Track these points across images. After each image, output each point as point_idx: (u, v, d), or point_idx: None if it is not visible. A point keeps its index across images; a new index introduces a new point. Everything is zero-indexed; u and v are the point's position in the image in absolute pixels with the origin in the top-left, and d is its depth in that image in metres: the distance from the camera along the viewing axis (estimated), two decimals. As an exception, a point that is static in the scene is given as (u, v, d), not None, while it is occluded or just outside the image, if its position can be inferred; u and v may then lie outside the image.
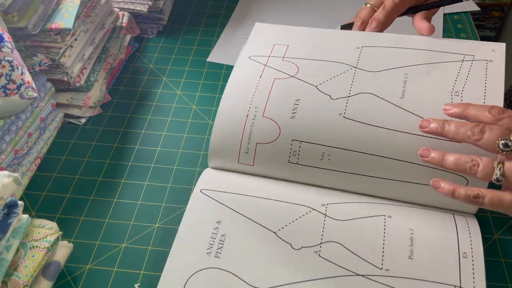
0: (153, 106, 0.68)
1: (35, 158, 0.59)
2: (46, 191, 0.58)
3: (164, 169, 0.60)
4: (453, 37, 0.78)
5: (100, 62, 0.68)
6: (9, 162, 0.55)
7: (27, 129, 0.57)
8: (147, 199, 0.56)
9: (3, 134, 0.54)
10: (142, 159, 0.61)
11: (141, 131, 0.65)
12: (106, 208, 0.56)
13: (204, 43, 0.79)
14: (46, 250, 0.45)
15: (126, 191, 0.57)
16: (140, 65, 0.75)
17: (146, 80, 0.72)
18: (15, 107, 0.53)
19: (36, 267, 0.44)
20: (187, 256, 0.47)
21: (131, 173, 0.59)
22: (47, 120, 0.61)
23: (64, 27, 0.58)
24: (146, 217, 0.55)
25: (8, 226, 0.42)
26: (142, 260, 0.51)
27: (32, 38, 0.59)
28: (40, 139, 0.61)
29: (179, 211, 0.55)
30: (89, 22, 0.64)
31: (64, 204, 0.56)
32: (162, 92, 0.70)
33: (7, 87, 0.51)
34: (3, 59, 0.50)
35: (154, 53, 0.77)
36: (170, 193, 0.57)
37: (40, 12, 0.59)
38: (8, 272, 0.43)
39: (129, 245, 0.52)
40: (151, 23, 0.81)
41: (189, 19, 0.85)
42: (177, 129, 0.65)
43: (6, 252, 0.42)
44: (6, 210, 0.42)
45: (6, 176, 0.41)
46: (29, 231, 0.46)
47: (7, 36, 0.52)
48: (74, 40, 0.62)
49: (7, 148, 0.54)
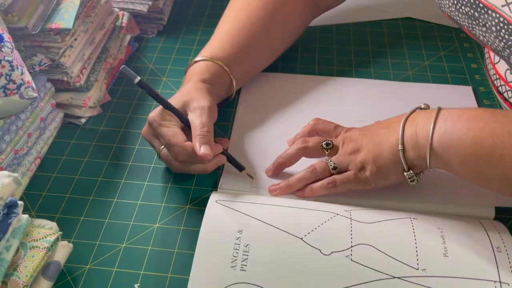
0: (153, 106, 0.68)
1: (35, 158, 0.59)
2: (46, 191, 0.57)
3: (164, 169, 0.60)
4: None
5: (100, 62, 0.68)
6: (9, 162, 0.55)
7: (27, 129, 0.57)
8: (147, 199, 0.56)
9: (3, 134, 0.54)
10: (142, 159, 0.61)
11: (141, 131, 0.64)
12: (106, 208, 0.56)
13: (204, 43, 0.78)
14: (46, 250, 0.45)
15: (126, 191, 0.57)
16: (140, 65, 0.75)
17: (146, 80, 0.72)
18: (15, 107, 0.53)
19: (36, 267, 0.44)
20: (210, 273, 0.44)
21: (131, 173, 0.59)
22: (47, 120, 0.61)
23: (64, 27, 0.58)
24: (146, 217, 0.55)
25: (8, 226, 0.42)
26: (142, 260, 0.51)
27: (32, 38, 0.59)
28: (40, 139, 0.60)
29: (179, 211, 0.55)
30: (89, 22, 0.64)
31: (64, 204, 0.56)
32: (162, 92, 0.70)
33: (7, 87, 0.51)
34: (3, 59, 0.50)
35: (154, 53, 0.77)
36: (170, 193, 0.57)
37: (40, 12, 0.59)
38: (8, 272, 0.43)
39: (129, 245, 0.52)
40: (151, 23, 0.81)
41: (189, 19, 0.85)
42: (177, 129, 0.65)
43: (6, 252, 0.42)
44: (6, 210, 0.42)
45: (6, 176, 0.41)
46: (29, 231, 0.46)
47: (7, 36, 0.52)
48: (74, 40, 0.62)
49: (7, 148, 0.54)
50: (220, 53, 0.61)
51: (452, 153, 0.46)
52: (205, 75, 0.60)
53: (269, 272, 0.44)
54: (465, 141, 0.45)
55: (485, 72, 0.71)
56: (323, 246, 0.46)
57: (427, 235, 0.47)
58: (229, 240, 0.46)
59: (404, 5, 0.85)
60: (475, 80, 0.70)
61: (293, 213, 0.50)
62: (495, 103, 0.67)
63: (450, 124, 0.46)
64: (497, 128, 0.44)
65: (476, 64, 0.73)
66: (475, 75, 0.71)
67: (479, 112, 0.46)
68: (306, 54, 0.76)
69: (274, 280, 0.44)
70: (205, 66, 0.60)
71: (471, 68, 0.73)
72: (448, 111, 0.48)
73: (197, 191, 0.57)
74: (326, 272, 0.44)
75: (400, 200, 0.53)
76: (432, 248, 0.46)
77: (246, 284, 0.43)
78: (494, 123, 0.44)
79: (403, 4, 0.85)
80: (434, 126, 0.47)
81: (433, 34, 0.79)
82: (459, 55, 0.75)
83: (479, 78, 0.71)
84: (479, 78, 0.71)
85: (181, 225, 0.54)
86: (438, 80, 0.71)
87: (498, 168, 0.44)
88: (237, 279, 0.44)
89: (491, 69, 0.68)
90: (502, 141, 0.43)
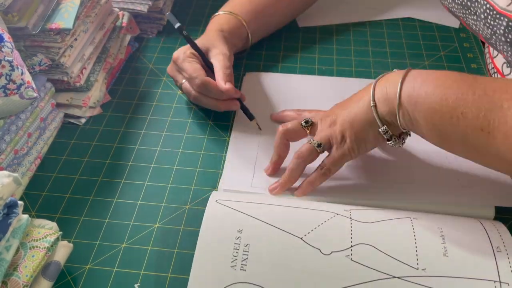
0: (153, 106, 0.68)
1: (35, 158, 0.59)
2: (46, 191, 0.57)
3: (164, 169, 0.60)
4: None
5: (100, 62, 0.68)
6: (9, 162, 0.55)
7: (27, 129, 0.57)
8: (147, 199, 0.56)
9: (3, 134, 0.54)
10: (142, 159, 0.61)
11: (141, 131, 0.65)
12: (106, 208, 0.56)
13: (204, 43, 0.79)
14: (46, 250, 0.45)
15: (126, 191, 0.57)
16: (140, 65, 0.75)
17: (146, 80, 0.72)
18: (15, 107, 0.53)
19: (36, 267, 0.44)
20: (210, 272, 0.44)
21: (131, 173, 0.59)
22: (47, 120, 0.61)
23: (64, 27, 0.58)
24: (146, 217, 0.55)
25: (8, 226, 0.42)
26: (142, 260, 0.51)
27: (32, 38, 0.59)
28: (40, 139, 0.60)
29: (179, 211, 0.55)
30: (89, 22, 0.64)
31: (64, 204, 0.56)
32: (162, 92, 0.70)
33: (7, 87, 0.51)
34: (3, 59, 0.50)
35: (154, 53, 0.77)
36: (170, 193, 0.57)
37: (40, 12, 0.59)
38: (8, 272, 0.43)
39: (129, 245, 0.52)
40: (151, 23, 0.81)
41: (189, 19, 0.85)
42: (177, 129, 0.65)
43: (6, 252, 0.42)
44: (6, 210, 0.42)
45: (6, 176, 0.41)
46: (29, 231, 0.46)
47: (7, 36, 0.52)
48: (74, 40, 0.62)
49: (7, 148, 0.54)
50: (239, 9, 0.70)
51: (418, 107, 0.46)
52: (224, 26, 0.68)
53: (269, 272, 0.44)
54: (431, 96, 0.46)
55: (485, 72, 0.71)
56: (323, 246, 0.46)
57: (427, 234, 0.47)
58: (229, 240, 0.46)
59: (404, 5, 0.85)
60: (475, 80, 0.70)
61: (293, 213, 0.50)
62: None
63: (419, 81, 0.47)
64: (463, 87, 0.44)
65: (476, 64, 0.73)
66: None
67: (449, 73, 0.47)
68: (306, 54, 0.76)
69: (274, 279, 0.44)
70: (225, 19, 0.69)
71: (471, 68, 0.73)
72: (418, 71, 0.49)
73: (197, 191, 0.57)
74: (326, 272, 0.44)
75: (400, 200, 0.53)
76: (432, 247, 0.46)
77: (246, 283, 0.43)
78: (461, 82, 0.45)
79: (403, 4, 0.85)
80: (402, 82, 0.48)
81: (433, 34, 0.79)
82: (459, 55, 0.75)
83: (479, 78, 0.71)
84: (479, 78, 0.71)
85: (181, 225, 0.54)
86: (438, 80, 0.71)
87: (459, 126, 0.44)
88: (237, 278, 0.44)
89: (489, 63, 0.69)
90: (466, 99, 0.44)
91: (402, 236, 0.47)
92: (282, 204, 0.51)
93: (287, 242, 0.46)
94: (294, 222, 0.48)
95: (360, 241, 0.46)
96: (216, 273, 0.44)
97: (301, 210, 0.50)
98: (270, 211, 0.50)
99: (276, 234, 0.47)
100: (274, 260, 0.45)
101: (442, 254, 0.45)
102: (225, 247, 0.45)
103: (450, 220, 0.49)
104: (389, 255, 0.45)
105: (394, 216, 0.49)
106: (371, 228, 0.48)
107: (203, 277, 0.44)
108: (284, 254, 0.45)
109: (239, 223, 0.47)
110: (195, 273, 0.44)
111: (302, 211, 0.50)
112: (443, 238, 0.46)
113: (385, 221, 0.49)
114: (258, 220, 0.48)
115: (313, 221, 0.48)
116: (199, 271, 0.44)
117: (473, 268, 0.44)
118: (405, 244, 0.46)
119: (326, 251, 0.45)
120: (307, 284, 0.43)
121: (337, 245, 0.46)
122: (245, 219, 0.48)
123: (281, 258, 0.45)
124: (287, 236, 0.46)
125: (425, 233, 0.47)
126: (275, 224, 0.48)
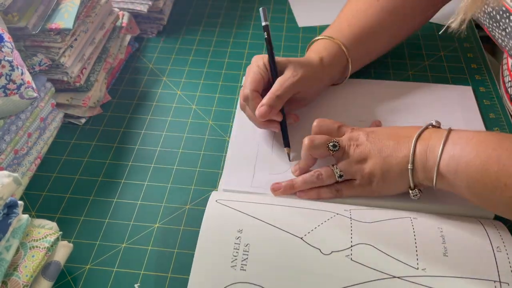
0: (153, 106, 0.68)
1: (35, 158, 0.59)
2: (46, 191, 0.57)
3: (164, 169, 0.60)
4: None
5: (100, 62, 0.68)
6: (9, 162, 0.55)
7: (27, 129, 0.57)
8: (147, 199, 0.56)
9: (3, 134, 0.54)
10: (142, 159, 0.61)
11: (141, 131, 0.65)
12: (106, 208, 0.56)
13: (204, 43, 0.79)
14: (46, 250, 0.45)
15: (126, 191, 0.57)
16: (140, 65, 0.75)
17: (146, 80, 0.72)
18: (15, 107, 0.53)
19: (36, 267, 0.44)
20: (210, 272, 0.44)
21: (131, 173, 0.59)
22: (47, 120, 0.61)
23: (64, 27, 0.58)
24: (146, 217, 0.55)
25: (8, 226, 0.42)
26: (142, 260, 0.51)
27: (32, 38, 0.59)
28: (40, 139, 0.60)
29: (179, 211, 0.55)
30: (89, 22, 0.64)
31: (64, 204, 0.56)
32: (162, 92, 0.70)
33: (7, 87, 0.51)
34: (3, 59, 0.50)
35: (154, 53, 0.77)
36: (170, 193, 0.57)
37: (40, 12, 0.59)
38: (8, 272, 0.43)
39: (129, 245, 0.52)
40: (151, 23, 0.81)
41: (189, 19, 0.85)
42: (177, 129, 0.65)
43: (6, 252, 0.42)
44: (6, 210, 0.42)
45: (6, 176, 0.41)
46: (29, 231, 0.46)
47: (7, 36, 0.52)
48: (74, 40, 0.62)
49: (7, 148, 0.54)
50: (338, 33, 0.63)
51: (458, 177, 0.46)
52: (323, 53, 0.61)
53: (269, 272, 0.44)
54: (472, 167, 0.45)
55: (485, 73, 0.71)
56: (323, 245, 0.46)
57: (427, 234, 0.47)
58: (229, 240, 0.46)
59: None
60: (475, 80, 0.70)
61: (293, 212, 0.50)
62: (495, 103, 0.66)
63: (458, 148, 0.46)
64: (504, 156, 0.44)
65: (476, 64, 0.73)
66: (475, 75, 0.71)
67: (488, 138, 0.46)
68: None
69: (274, 279, 0.44)
70: (323, 44, 0.62)
71: (471, 68, 0.73)
72: (458, 134, 0.48)
73: (197, 191, 0.57)
74: (326, 271, 0.44)
75: (400, 200, 0.53)
76: (432, 247, 0.46)
77: (246, 283, 0.43)
78: (501, 151, 0.44)
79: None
80: (443, 149, 0.47)
81: (433, 34, 0.79)
82: (459, 55, 0.75)
83: (479, 78, 0.71)
84: (479, 78, 0.71)
85: (181, 225, 0.54)
86: (438, 80, 0.71)
87: (503, 196, 0.44)
88: (237, 278, 0.44)
89: (507, 75, 0.67)
90: (508, 170, 0.43)
91: (402, 236, 0.47)
92: (282, 204, 0.51)
93: (287, 242, 0.46)
94: (294, 222, 0.48)
95: (360, 241, 0.46)
96: (216, 273, 0.44)
97: (301, 210, 0.50)
98: (270, 211, 0.50)
99: (276, 234, 0.47)
100: (274, 260, 0.45)
101: (442, 254, 0.45)
102: (225, 247, 0.45)
103: (450, 220, 0.49)
104: (389, 255, 0.45)
105: (394, 216, 0.49)
106: (371, 228, 0.48)
107: (203, 277, 0.44)
108: (284, 254, 0.45)
109: (239, 223, 0.47)
110: (195, 273, 0.44)
111: (302, 211, 0.50)
112: (443, 238, 0.47)
113: (385, 221, 0.49)
114: (258, 220, 0.48)
115: (313, 221, 0.48)
116: (199, 271, 0.44)
117: (473, 268, 0.44)
118: (405, 244, 0.46)
119: (326, 251, 0.45)
120: (307, 284, 0.43)
121: (337, 245, 0.46)
122: (245, 219, 0.48)
123: (281, 258, 0.45)
124: (287, 236, 0.46)
125: (425, 233, 0.47)
126: (275, 224, 0.48)
